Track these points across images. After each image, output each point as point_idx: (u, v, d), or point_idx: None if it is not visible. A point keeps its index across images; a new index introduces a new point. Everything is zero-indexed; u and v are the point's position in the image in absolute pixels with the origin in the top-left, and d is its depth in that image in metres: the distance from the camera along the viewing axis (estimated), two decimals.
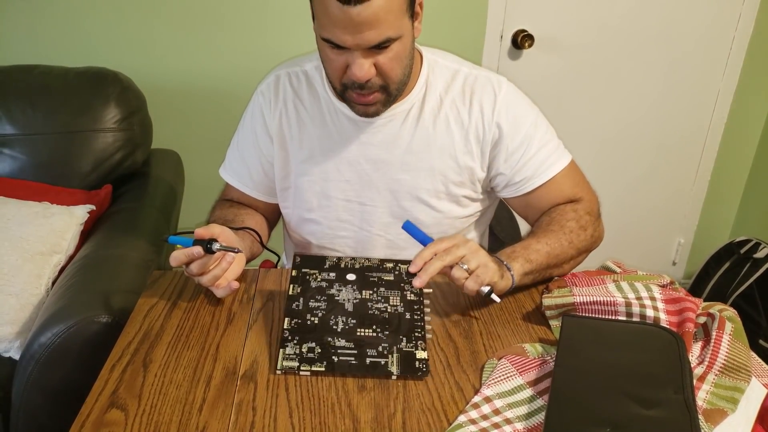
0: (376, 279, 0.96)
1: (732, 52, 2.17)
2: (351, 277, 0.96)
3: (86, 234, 1.49)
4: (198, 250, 0.92)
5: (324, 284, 0.95)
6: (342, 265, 0.98)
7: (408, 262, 0.95)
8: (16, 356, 1.25)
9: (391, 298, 0.94)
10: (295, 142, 1.13)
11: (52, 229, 1.40)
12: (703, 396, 0.79)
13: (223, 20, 1.91)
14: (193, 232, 0.96)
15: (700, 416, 0.75)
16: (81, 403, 0.77)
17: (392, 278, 0.97)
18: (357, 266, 0.98)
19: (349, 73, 0.96)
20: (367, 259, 1.01)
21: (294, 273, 0.97)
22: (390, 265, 0.99)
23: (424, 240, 0.96)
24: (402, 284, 0.96)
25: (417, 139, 1.09)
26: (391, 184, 1.12)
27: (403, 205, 1.13)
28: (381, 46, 0.93)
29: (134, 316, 0.95)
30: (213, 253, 0.93)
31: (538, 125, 1.13)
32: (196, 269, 0.94)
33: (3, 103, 1.62)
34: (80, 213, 1.47)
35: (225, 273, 0.96)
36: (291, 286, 0.94)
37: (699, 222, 2.46)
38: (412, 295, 0.94)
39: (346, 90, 1.00)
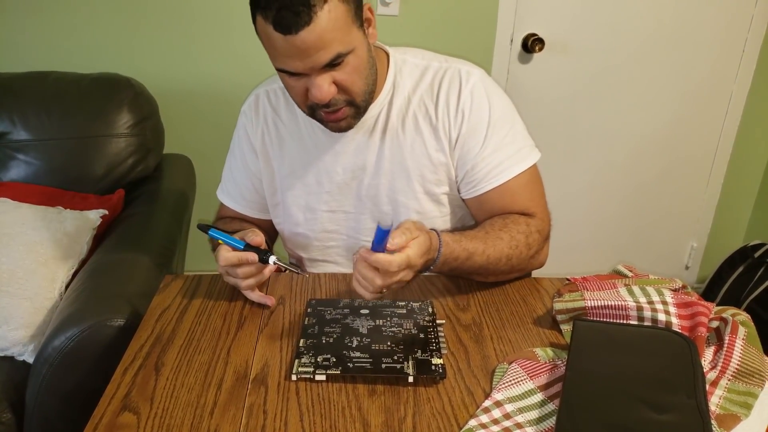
0: (389, 312, 0.97)
1: (745, 55, 2.16)
2: (364, 311, 0.97)
3: (99, 238, 1.51)
4: (253, 257, 0.94)
5: (338, 316, 0.96)
6: (356, 304, 0.99)
7: (421, 301, 1.00)
8: (30, 360, 1.26)
9: (404, 323, 0.94)
10: (278, 158, 1.14)
11: (66, 234, 1.41)
12: (716, 401, 0.79)
13: (234, 25, 1.93)
14: (214, 227, 0.99)
15: (713, 421, 0.74)
16: (94, 406, 0.78)
17: (405, 312, 0.97)
18: (370, 304, 0.99)
19: (311, 96, 0.95)
20: (379, 300, 1.00)
21: (309, 310, 0.97)
22: (402, 303, 0.99)
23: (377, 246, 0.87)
24: (414, 315, 0.96)
25: (387, 143, 1.08)
26: (369, 190, 1.11)
27: (383, 209, 1.12)
28: (334, 63, 0.92)
29: (146, 320, 0.96)
30: (267, 263, 0.95)
31: (501, 123, 1.06)
32: (243, 274, 0.96)
33: (18, 109, 1.64)
34: (93, 217, 1.49)
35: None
36: (306, 318, 0.95)
37: (712, 226, 2.44)
38: (425, 321, 0.94)
39: (315, 111, 0.99)
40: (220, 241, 0.98)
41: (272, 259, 0.95)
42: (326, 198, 1.13)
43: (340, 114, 0.99)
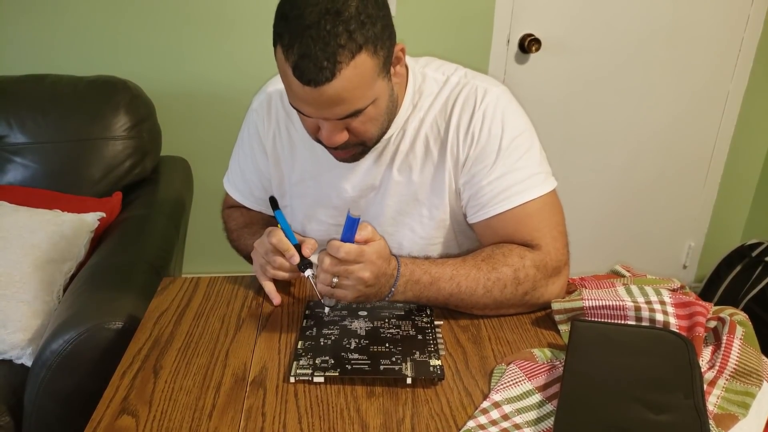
0: (387, 314, 0.97)
1: (741, 54, 2.16)
2: (362, 313, 0.97)
3: (97, 241, 1.51)
4: (296, 259, 0.96)
5: (336, 318, 0.96)
6: (353, 306, 0.99)
7: (420, 309, 0.98)
8: (29, 363, 1.26)
9: (402, 325, 0.94)
10: (288, 163, 1.11)
11: (64, 237, 1.41)
12: (713, 401, 0.79)
13: (230, 27, 1.93)
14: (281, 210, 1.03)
15: (710, 421, 0.74)
16: (92, 409, 0.78)
17: (403, 313, 0.97)
18: (368, 306, 0.99)
19: (320, 135, 0.92)
20: (378, 301, 1.00)
21: (307, 312, 0.98)
22: (400, 304, 0.99)
23: (345, 236, 0.88)
24: (413, 316, 0.96)
25: (397, 163, 1.03)
26: (375, 210, 1.08)
27: (386, 230, 1.09)
28: (350, 116, 0.87)
29: (144, 322, 0.96)
30: (302, 272, 0.96)
31: (514, 147, 0.98)
32: (278, 264, 0.98)
33: (15, 112, 1.64)
34: (91, 220, 1.48)
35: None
36: (304, 320, 0.95)
37: (710, 225, 2.44)
38: (423, 323, 0.95)
39: (321, 142, 0.95)
40: (278, 226, 1.00)
41: (308, 272, 0.96)
42: (333, 212, 1.11)
43: (347, 152, 0.96)
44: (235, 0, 1.90)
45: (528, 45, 2.03)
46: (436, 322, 0.95)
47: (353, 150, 0.96)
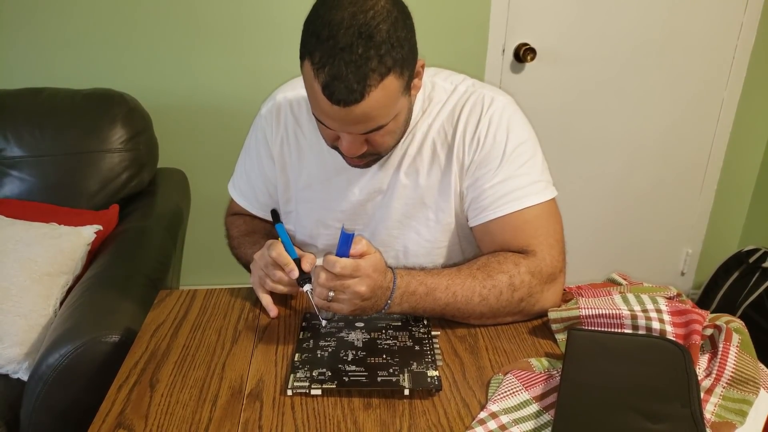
0: (384, 325, 0.97)
1: (735, 61, 2.18)
2: (359, 324, 0.97)
3: (93, 254, 1.51)
4: (295, 273, 0.96)
5: (333, 330, 0.96)
6: (350, 317, 0.99)
7: (417, 319, 0.98)
8: (25, 377, 1.25)
9: (399, 336, 0.94)
10: (295, 169, 1.13)
11: (60, 250, 1.41)
12: (711, 409, 0.79)
13: (227, 40, 1.94)
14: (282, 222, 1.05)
15: (708, 429, 0.74)
16: (89, 423, 0.78)
17: (400, 324, 0.97)
18: (365, 317, 0.99)
19: (339, 144, 0.94)
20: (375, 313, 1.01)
21: (304, 324, 0.98)
22: (397, 315, 0.99)
23: (341, 251, 0.88)
24: (410, 326, 0.96)
25: (404, 167, 1.06)
26: (382, 213, 1.10)
27: (392, 233, 1.10)
28: (373, 131, 0.90)
29: (141, 335, 0.96)
30: (300, 287, 0.97)
31: (517, 153, 1.00)
32: (277, 278, 0.99)
33: (12, 126, 1.65)
34: (87, 233, 1.48)
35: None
36: (301, 332, 0.95)
37: (707, 232, 2.45)
38: (420, 333, 0.95)
39: (337, 149, 0.98)
40: (279, 240, 1.01)
41: (307, 287, 0.96)
42: (340, 216, 1.12)
43: (362, 160, 0.98)
44: (230, 13, 1.91)
45: (523, 54, 2.04)
46: (433, 333, 0.95)
47: (368, 158, 0.99)
